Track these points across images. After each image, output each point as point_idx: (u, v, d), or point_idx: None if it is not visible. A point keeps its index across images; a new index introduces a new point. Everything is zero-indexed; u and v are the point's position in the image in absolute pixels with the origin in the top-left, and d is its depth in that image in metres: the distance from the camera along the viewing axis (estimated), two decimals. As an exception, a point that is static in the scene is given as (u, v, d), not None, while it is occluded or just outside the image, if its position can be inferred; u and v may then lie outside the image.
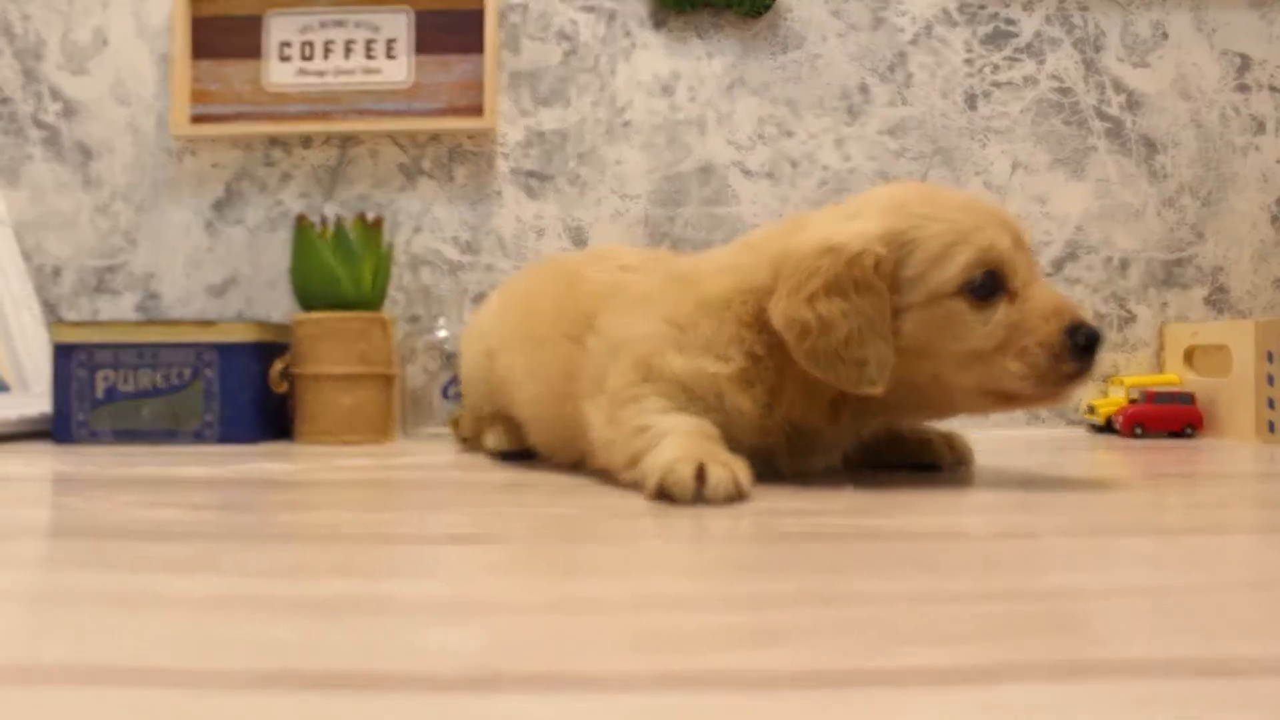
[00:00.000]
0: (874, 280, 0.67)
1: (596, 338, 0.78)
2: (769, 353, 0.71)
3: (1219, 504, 0.64)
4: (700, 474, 0.61)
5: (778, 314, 0.68)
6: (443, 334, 1.27)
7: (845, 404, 0.72)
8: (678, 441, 0.65)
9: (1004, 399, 0.70)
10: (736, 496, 0.62)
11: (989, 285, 0.68)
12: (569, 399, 0.79)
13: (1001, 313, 0.68)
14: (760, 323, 0.71)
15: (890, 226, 0.69)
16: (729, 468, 0.62)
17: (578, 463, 0.80)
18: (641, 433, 0.68)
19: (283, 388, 1.15)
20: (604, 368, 0.75)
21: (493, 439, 0.96)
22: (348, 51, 1.31)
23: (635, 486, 0.66)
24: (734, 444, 0.68)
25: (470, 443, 1.05)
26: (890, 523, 0.55)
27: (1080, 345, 0.67)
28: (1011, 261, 0.68)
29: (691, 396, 0.71)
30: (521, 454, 0.92)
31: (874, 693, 0.27)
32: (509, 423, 0.94)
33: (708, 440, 0.67)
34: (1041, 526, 0.54)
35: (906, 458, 0.81)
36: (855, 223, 0.70)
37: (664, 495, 0.62)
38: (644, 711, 0.26)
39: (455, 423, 1.11)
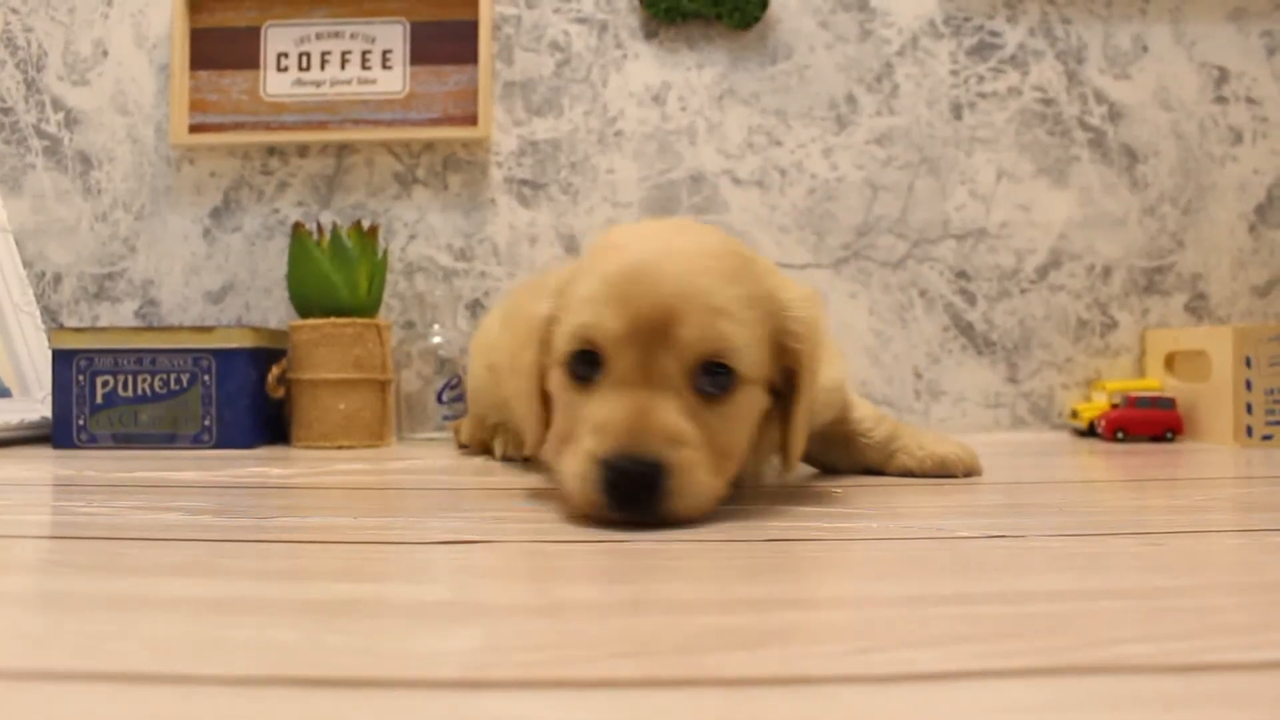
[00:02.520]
0: (533, 337, 0.63)
1: None
2: None
3: (1201, 507, 0.64)
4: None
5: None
6: (437, 339, 1.28)
7: None
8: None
9: None
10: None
11: (582, 369, 0.59)
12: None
13: (584, 400, 0.58)
14: None
15: (564, 277, 0.63)
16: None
17: None
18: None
19: (280, 393, 1.17)
20: None
21: (499, 446, 0.99)
22: (344, 62, 1.33)
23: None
24: None
25: (471, 449, 1.06)
26: (877, 525, 0.56)
27: (609, 481, 0.54)
28: (617, 346, 0.57)
29: None
30: (528, 459, 0.94)
31: (863, 694, 0.27)
32: (514, 431, 0.96)
33: None
34: (1027, 529, 0.54)
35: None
36: (562, 270, 0.66)
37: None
38: (636, 713, 0.26)
39: (457, 429, 1.12)
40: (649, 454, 0.54)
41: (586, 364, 0.58)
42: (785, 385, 0.64)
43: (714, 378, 0.58)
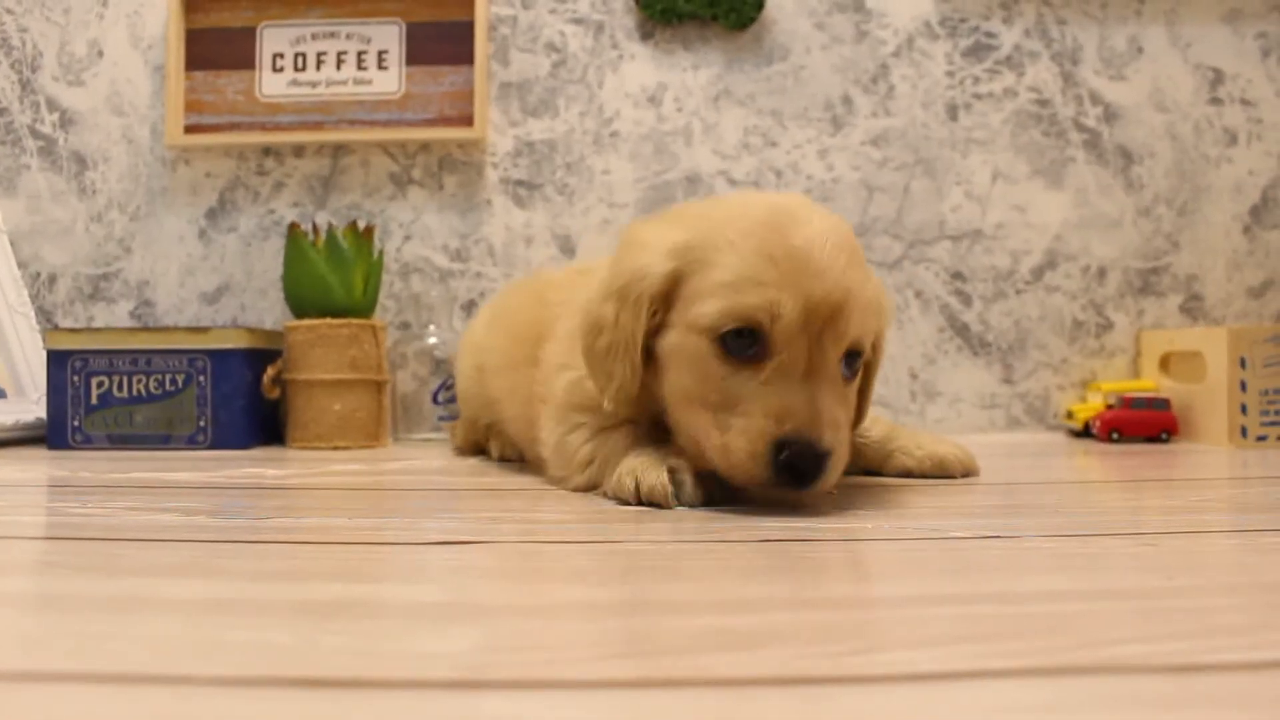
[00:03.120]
0: (646, 296, 0.63)
1: (541, 362, 0.80)
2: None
3: (1196, 507, 0.64)
4: (673, 476, 0.63)
5: (582, 299, 0.68)
6: (433, 340, 1.28)
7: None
8: (632, 452, 0.67)
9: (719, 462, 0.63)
10: (711, 498, 0.64)
11: (739, 343, 0.61)
12: (532, 424, 0.82)
13: (743, 379, 0.61)
14: None
15: (686, 241, 0.64)
16: (694, 472, 0.64)
17: None
18: (589, 463, 0.71)
19: (275, 394, 1.17)
20: (545, 390, 0.77)
21: (495, 448, 1.00)
22: (339, 62, 1.33)
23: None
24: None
25: (463, 451, 1.06)
26: (873, 526, 0.56)
27: (786, 464, 0.59)
28: (790, 332, 0.60)
29: (583, 409, 0.72)
30: (522, 460, 0.94)
31: (859, 694, 0.27)
32: (509, 433, 0.96)
33: (659, 443, 0.68)
34: (1023, 529, 0.55)
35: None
36: (658, 232, 0.66)
37: (645, 503, 0.64)
38: (633, 713, 0.26)
39: (454, 430, 1.12)
40: (823, 444, 0.59)
41: (744, 341, 0.61)
42: None
43: (851, 362, 0.64)
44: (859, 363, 0.65)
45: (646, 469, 0.64)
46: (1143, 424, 1.17)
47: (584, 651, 0.32)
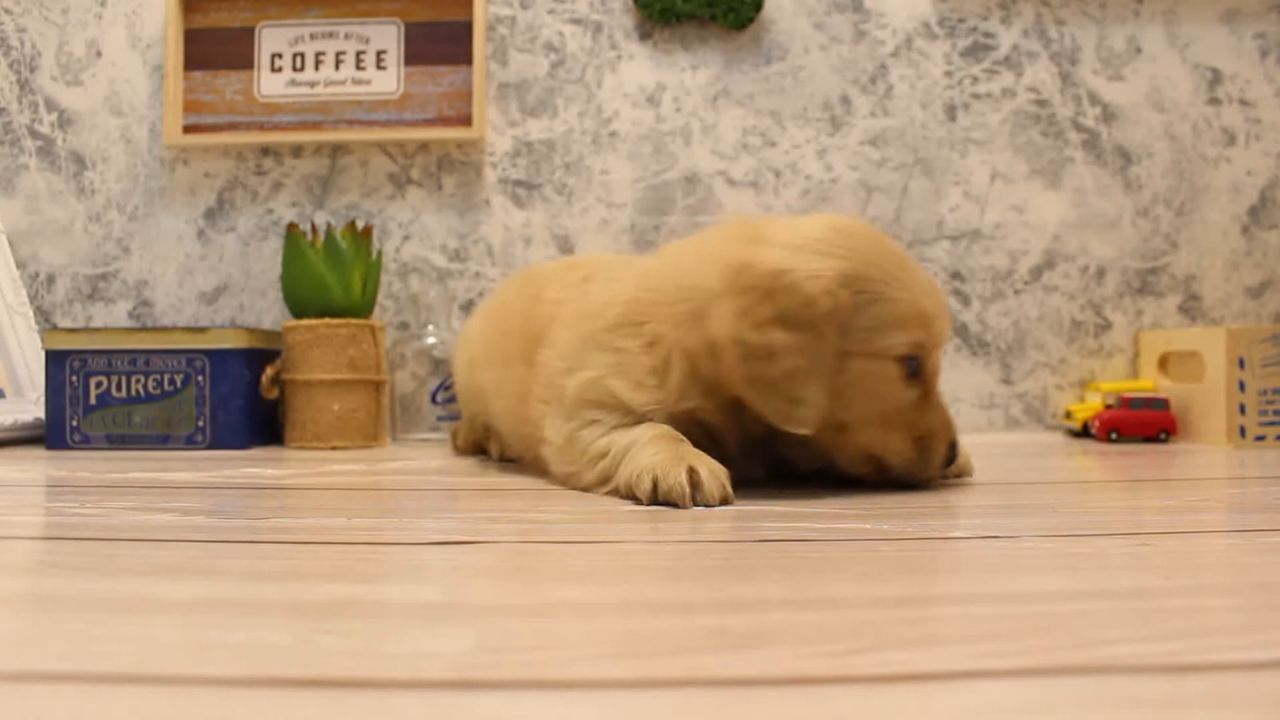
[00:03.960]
0: (827, 324, 0.66)
1: (541, 363, 0.80)
2: (671, 351, 0.71)
3: (1194, 507, 0.65)
4: (692, 476, 0.63)
5: (721, 327, 0.67)
6: (431, 340, 1.28)
7: (749, 415, 0.71)
8: (651, 449, 0.67)
9: (878, 467, 0.73)
10: (727, 499, 0.64)
11: (916, 366, 0.71)
12: (527, 421, 0.82)
13: (916, 394, 0.72)
14: (675, 324, 0.71)
15: (853, 271, 0.68)
16: (713, 471, 0.64)
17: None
18: (602, 457, 0.71)
19: (273, 394, 1.17)
20: (548, 392, 0.78)
21: (495, 448, 1.00)
22: (338, 62, 1.33)
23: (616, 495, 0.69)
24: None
25: (464, 451, 1.06)
26: (872, 527, 0.56)
27: (948, 460, 0.74)
28: (933, 355, 0.73)
29: (600, 405, 0.73)
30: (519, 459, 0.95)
31: (857, 694, 0.27)
32: (497, 429, 0.96)
33: (678, 442, 0.68)
34: (1021, 529, 0.55)
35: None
36: (814, 258, 0.68)
37: (661, 501, 0.64)
38: (629, 713, 0.26)
39: (454, 432, 1.13)
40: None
41: (917, 365, 0.72)
42: None
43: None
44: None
45: (667, 468, 0.64)
46: (1141, 424, 1.17)
47: (582, 651, 0.32)
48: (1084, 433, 1.23)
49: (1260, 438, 1.11)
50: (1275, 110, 1.33)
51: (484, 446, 1.03)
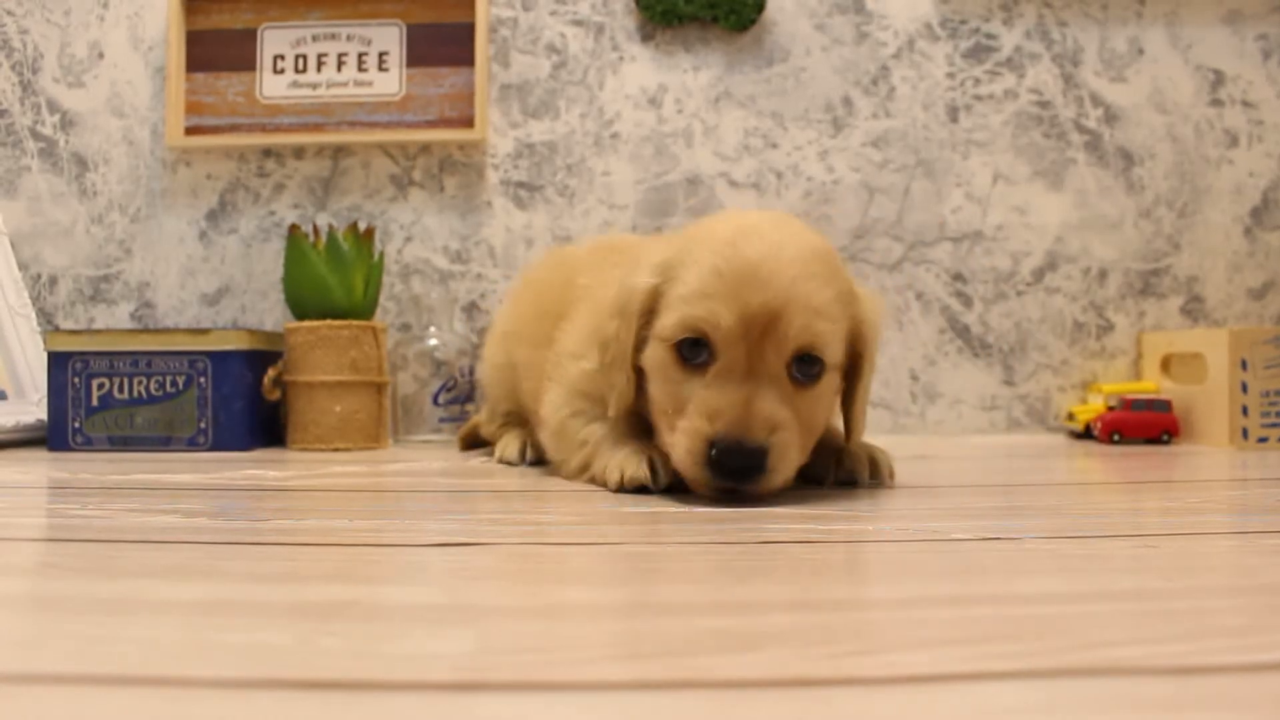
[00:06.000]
0: (633, 312, 0.69)
1: (557, 338, 0.84)
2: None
3: (1196, 509, 0.64)
4: (651, 466, 0.69)
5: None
6: (433, 342, 1.28)
7: None
8: (620, 448, 0.73)
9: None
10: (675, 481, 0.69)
11: (696, 350, 0.65)
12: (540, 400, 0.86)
13: (699, 382, 0.65)
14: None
15: (666, 259, 0.69)
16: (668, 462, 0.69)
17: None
18: (583, 445, 0.77)
19: (275, 395, 1.17)
20: (555, 370, 0.82)
21: (504, 447, 0.97)
22: (340, 64, 1.33)
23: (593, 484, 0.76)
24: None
25: (476, 443, 1.08)
26: (873, 528, 0.56)
27: (718, 461, 0.62)
28: (729, 339, 0.64)
29: (589, 398, 0.78)
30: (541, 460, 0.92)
31: (858, 696, 0.27)
32: (523, 432, 0.97)
33: (637, 438, 0.74)
34: (1023, 531, 0.55)
35: (823, 472, 0.75)
36: (659, 252, 0.71)
37: (627, 489, 0.70)
38: (630, 715, 0.26)
39: (462, 439, 1.14)
40: (755, 440, 0.62)
41: (695, 349, 0.65)
42: (851, 368, 0.72)
43: (806, 366, 0.66)
44: (818, 368, 0.67)
45: (630, 462, 0.71)
46: (1144, 425, 1.17)
47: (583, 653, 0.32)
48: (1086, 434, 1.23)
49: (1263, 439, 1.11)
50: (1277, 112, 1.33)
51: (499, 437, 1.01)
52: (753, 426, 0.63)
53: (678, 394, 0.66)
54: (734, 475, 0.63)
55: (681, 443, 0.64)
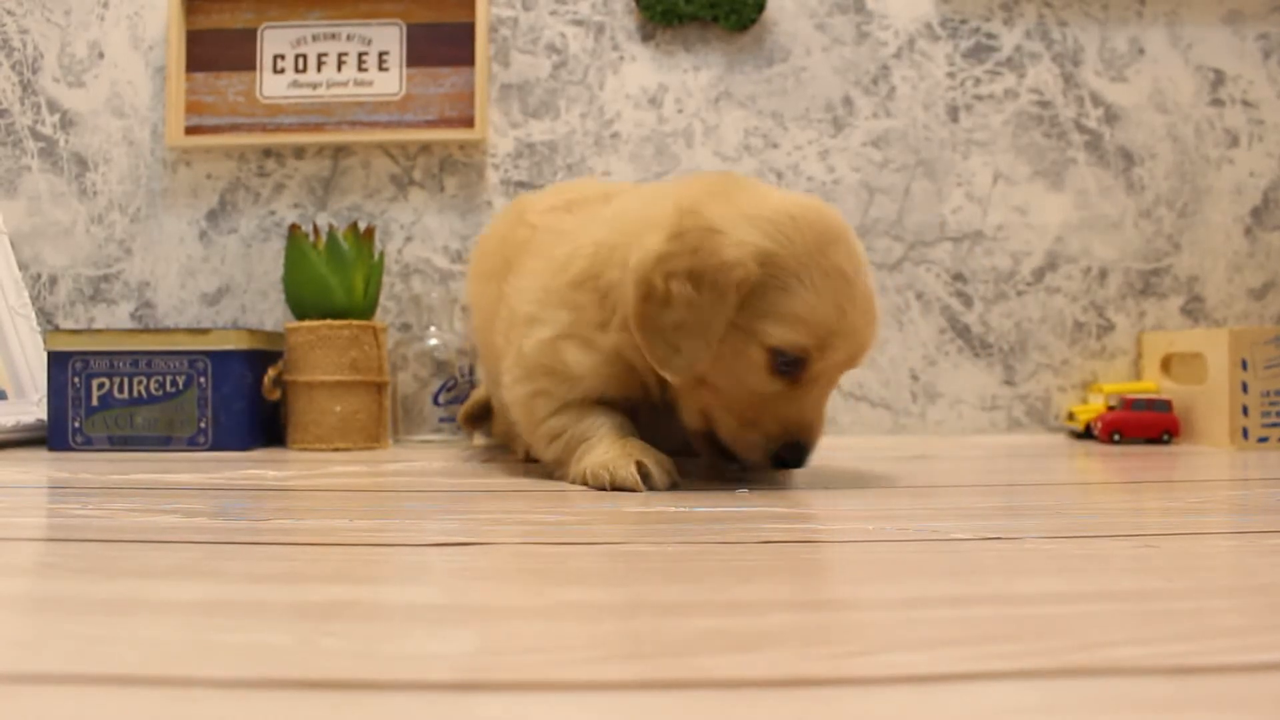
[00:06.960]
0: (731, 290, 0.68)
1: (508, 294, 0.83)
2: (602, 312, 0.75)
3: (1196, 509, 0.64)
4: (640, 468, 0.71)
5: (639, 259, 0.69)
6: (434, 342, 1.28)
7: (655, 379, 0.75)
8: (602, 446, 0.73)
9: (707, 429, 0.74)
10: (675, 484, 0.72)
11: (788, 364, 0.70)
12: (494, 338, 0.86)
13: (779, 388, 0.71)
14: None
15: (776, 253, 0.69)
16: (659, 462, 0.71)
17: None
18: (555, 437, 0.77)
19: (275, 395, 1.17)
20: (510, 333, 0.81)
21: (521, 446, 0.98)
22: (340, 64, 1.33)
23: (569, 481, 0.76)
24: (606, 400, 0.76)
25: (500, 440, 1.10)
26: (872, 528, 0.56)
27: (780, 457, 0.72)
28: (824, 366, 0.70)
29: (551, 374, 0.76)
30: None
31: (858, 696, 0.27)
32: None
33: (624, 438, 0.74)
34: (1023, 531, 0.55)
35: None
36: (750, 230, 0.69)
37: (614, 488, 0.71)
38: (631, 715, 0.26)
39: (464, 416, 1.16)
40: (813, 445, 0.74)
41: (793, 365, 0.70)
42: None
43: None
44: None
45: (617, 464, 0.71)
46: (1144, 425, 1.17)
47: (584, 653, 0.31)
48: (1086, 434, 1.23)
49: (1263, 439, 1.11)
50: (1278, 111, 1.33)
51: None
52: (817, 435, 0.73)
53: (758, 393, 0.71)
54: (788, 464, 0.73)
55: (757, 441, 0.72)
